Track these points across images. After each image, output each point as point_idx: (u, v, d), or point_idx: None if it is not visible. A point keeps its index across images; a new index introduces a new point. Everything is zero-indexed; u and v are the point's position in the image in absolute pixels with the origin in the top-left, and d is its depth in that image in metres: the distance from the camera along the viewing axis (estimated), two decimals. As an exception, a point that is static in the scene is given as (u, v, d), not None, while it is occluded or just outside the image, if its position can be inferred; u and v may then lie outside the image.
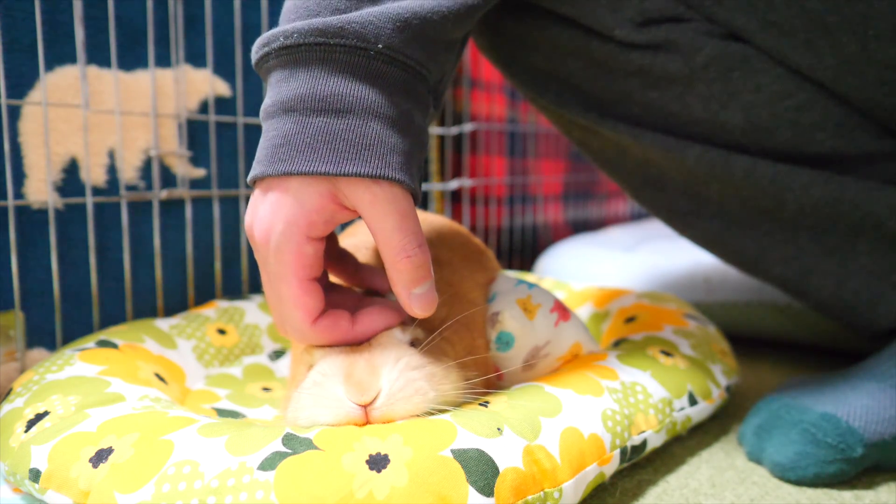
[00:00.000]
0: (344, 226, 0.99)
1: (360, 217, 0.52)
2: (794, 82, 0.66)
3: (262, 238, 0.50)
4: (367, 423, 0.47)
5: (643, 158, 0.74)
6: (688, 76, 0.66)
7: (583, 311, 0.89)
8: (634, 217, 1.89)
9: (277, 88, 0.51)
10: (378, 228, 0.50)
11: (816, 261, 0.71)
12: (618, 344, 0.72)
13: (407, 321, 0.55)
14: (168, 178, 0.84)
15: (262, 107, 0.52)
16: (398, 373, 0.48)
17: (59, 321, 0.75)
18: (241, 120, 0.89)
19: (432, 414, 0.49)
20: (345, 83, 0.49)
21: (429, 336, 0.55)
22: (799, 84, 0.66)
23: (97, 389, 0.56)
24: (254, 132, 0.92)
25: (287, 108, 0.50)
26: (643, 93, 0.69)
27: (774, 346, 0.99)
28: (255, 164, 0.52)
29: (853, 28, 0.61)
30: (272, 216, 0.50)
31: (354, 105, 0.49)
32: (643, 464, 0.62)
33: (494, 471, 0.45)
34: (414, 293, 0.51)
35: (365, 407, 0.47)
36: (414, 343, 0.54)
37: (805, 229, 0.70)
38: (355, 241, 0.67)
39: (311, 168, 0.48)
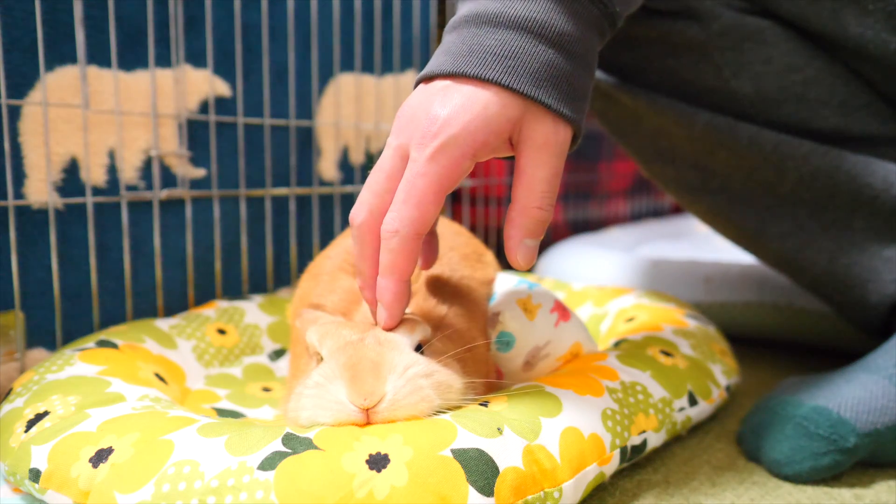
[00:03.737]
0: (343, 227, 0.99)
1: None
2: (803, 57, 0.69)
3: (434, 120, 0.48)
4: (369, 423, 0.47)
5: (656, 127, 0.77)
6: (703, 43, 0.70)
7: (583, 311, 0.89)
8: (634, 217, 1.89)
9: (487, 2, 0.50)
10: (531, 172, 0.50)
11: (813, 236, 0.73)
12: (618, 344, 0.72)
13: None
14: (168, 178, 0.84)
15: (463, 13, 0.52)
16: (405, 380, 0.48)
17: (59, 321, 0.75)
18: (241, 120, 0.89)
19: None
20: (560, 17, 0.49)
21: (430, 327, 0.55)
22: (809, 59, 0.68)
23: (97, 389, 0.56)
24: (254, 132, 0.92)
25: (493, 23, 0.50)
26: (661, 60, 0.73)
27: (774, 346, 0.99)
28: (443, 57, 0.51)
29: None
30: (460, 110, 0.48)
31: (563, 40, 0.49)
32: (643, 464, 0.62)
33: (494, 471, 0.45)
34: (525, 242, 0.51)
35: (367, 410, 0.47)
36: (421, 344, 0.53)
37: (804, 204, 0.73)
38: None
39: (513, 83, 0.48)
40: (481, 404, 0.52)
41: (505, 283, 0.68)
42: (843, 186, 0.70)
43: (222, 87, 0.88)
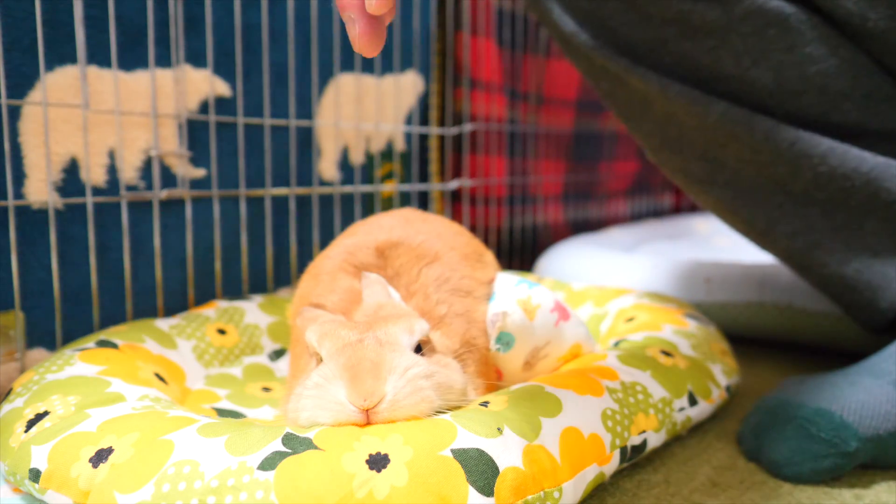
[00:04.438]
0: (343, 227, 0.99)
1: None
2: (827, 47, 0.66)
3: None
4: (369, 423, 0.47)
5: (666, 114, 0.75)
6: (724, 27, 0.67)
7: (583, 311, 0.89)
8: (634, 217, 1.89)
9: None
10: None
11: (823, 237, 0.72)
12: (618, 344, 0.72)
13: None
14: (168, 178, 0.84)
15: None
16: (406, 381, 0.48)
17: (59, 321, 0.75)
18: (241, 120, 0.89)
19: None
20: None
21: (431, 327, 0.55)
22: (833, 49, 0.66)
23: (97, 389, 0.56)
24: (254, 132, 0.92)
25: None
26: (677, 43, 0.70)
27: (774, 346, 0.99)
28: None
29: None
30: None
31: None
32: (643, 464, 0.62)
33: (494, 470, 0.45)
34: None
35: (367, 411, 0.47)
36: (421, 345, 0.53)
37: (816, 203, 0.71)
38: (356, 241, 0.67)
39: None
40: (481, 404, 0.52)
41: (505, 284, 0.68)
42: (860, 189, 0.68)
43: (222, 87, 0.88)
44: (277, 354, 0.82)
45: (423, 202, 1.16)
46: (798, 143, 0.69)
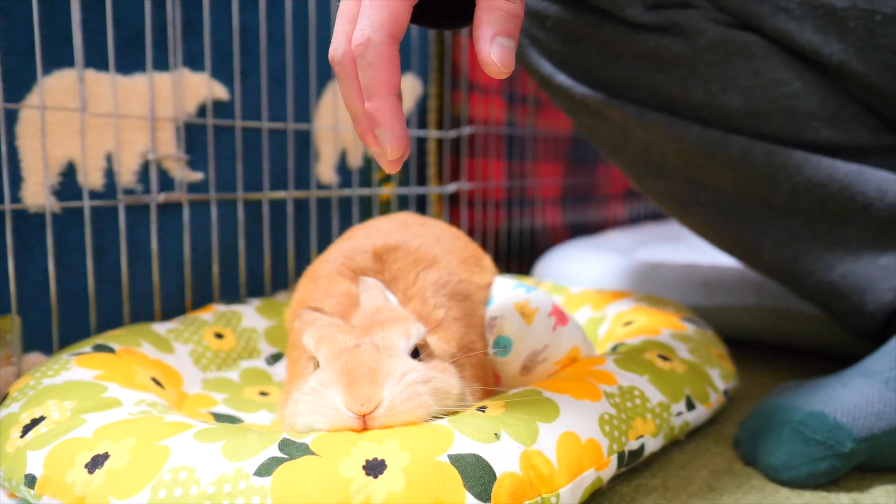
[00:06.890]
0: (341, 231, 0.99)
1: None
2: (791, 71, 0.68)
3: None
4: (366, 429, 0.47)
5: (646, 141, 0.77)
6: (691, 58, 0.70)
7: (581, 315, 0.89)
8: (632, 220, 1.89)
9: None
10: None
11: (807, 246, 0.73)
12: (615, 348, 0.72)
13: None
14: (166, 182, 0.84)
15: None
16: (403, 386, 0.48)
17: (56, 325, 0.75)
18: (239, 123, 0.89)
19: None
20: None
21: (429, 331, 0.55)
22: (797, 73, 0.68)
23: (93, 394, 0.56)
24: (252, 135, 0.91)
25: None
26: (649, 76, 0.73)
27: (772, 350, 0.99)
28: None
29: (861, 14, 0.63)
30: None
31: None
32: (641, 468, 0.61)
33: (492, 476, 0.45)
34: (498, 40, 0.44)
35: (364, 416, 0.47)
36: (418, 349, 0.53)
37: (797, 214, 0.73)
38: (353, 245, 0.67)
39: None
40: (479, 409, 0.52)
41: (502, 288, 0.68)
42: (836, 195, 0.70)
43: (220, 91, 0.88)
44: (275, 358, 0.82)
45: (421, 206, 1.16)
46: (773, 156, 0.71)
